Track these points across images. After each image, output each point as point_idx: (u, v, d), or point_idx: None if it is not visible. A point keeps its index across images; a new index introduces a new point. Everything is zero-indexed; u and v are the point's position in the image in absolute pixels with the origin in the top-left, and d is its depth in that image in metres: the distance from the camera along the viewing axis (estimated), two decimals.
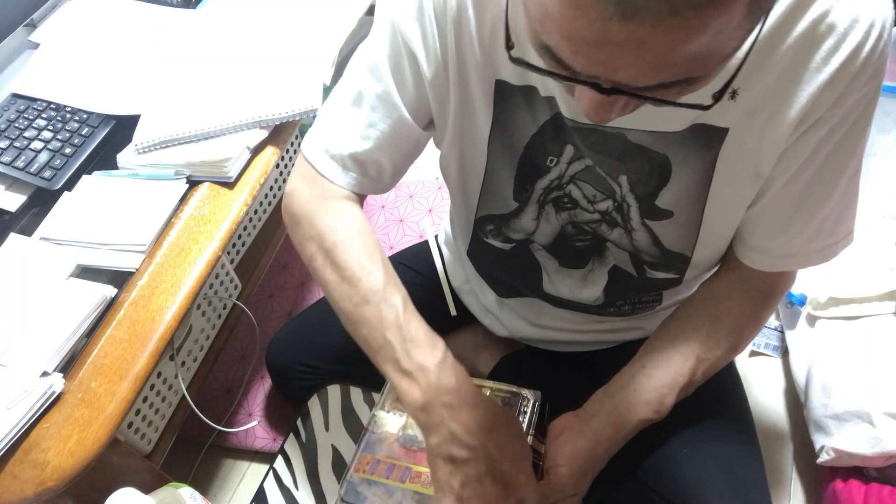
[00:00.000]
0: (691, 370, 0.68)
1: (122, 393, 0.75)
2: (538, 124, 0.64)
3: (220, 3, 1.17)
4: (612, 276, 0.74)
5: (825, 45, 0.52)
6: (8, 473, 0.70)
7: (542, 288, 0.78)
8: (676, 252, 0.69)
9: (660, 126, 0.60)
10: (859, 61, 0.52)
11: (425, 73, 0.63)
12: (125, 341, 0.78)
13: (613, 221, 0.68)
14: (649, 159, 0.62)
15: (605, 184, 0.66)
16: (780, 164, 0.60)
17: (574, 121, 0.62)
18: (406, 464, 0.71)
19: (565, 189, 0.68)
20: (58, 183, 0.93)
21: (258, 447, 1.22)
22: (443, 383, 0.61)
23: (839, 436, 0.95)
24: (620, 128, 0.61)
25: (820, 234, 0.64)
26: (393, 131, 0.68)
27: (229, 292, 1.08)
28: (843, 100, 0.54)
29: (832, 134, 0.57)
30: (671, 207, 0.65)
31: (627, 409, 0.66)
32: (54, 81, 1.05)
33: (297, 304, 1.43)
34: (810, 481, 1.08)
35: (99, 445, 0.72)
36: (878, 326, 1.02)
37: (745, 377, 0.84)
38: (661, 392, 0.67)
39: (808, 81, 0.54)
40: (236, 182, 0.92)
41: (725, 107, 0.56)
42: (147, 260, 0.85)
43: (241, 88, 0.98)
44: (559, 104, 0.62)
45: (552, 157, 0.66)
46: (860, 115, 0.56)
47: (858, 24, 0.51)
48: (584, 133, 0.63)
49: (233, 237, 1.05)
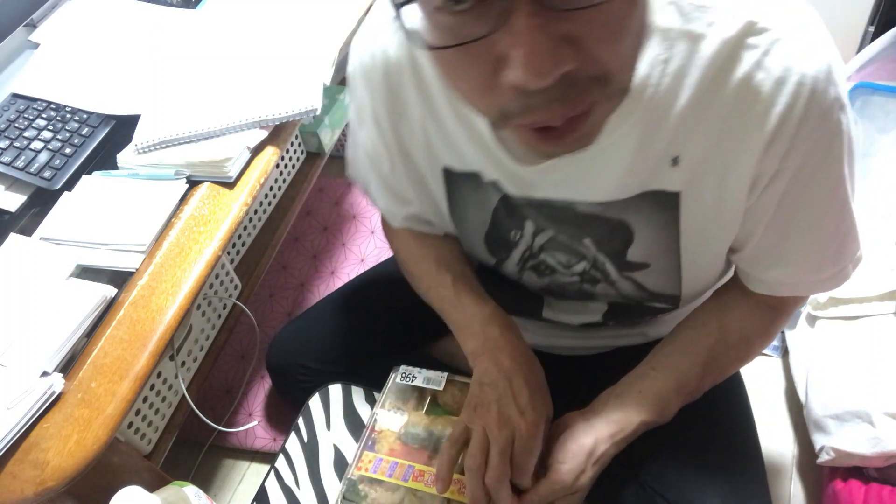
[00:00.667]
0: (698, 377, 0.68)
1: (122, 393, 0.75)
2: (492, 206, 0.66)
3: (220, 3, 1.17)
4: (611, 306, 0.75)
5: (756, 109, 0.51)
6: (8, 473, 0.70)
7: (541, 315, 0.80)
8: (665, 293, 0.69)
9: (607, 196, 0.59)
10: (794, 120, 0.50)
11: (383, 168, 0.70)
12: (125, 341, 0.78)
13: (593, 279, 0.69)
14: (607, 224, 0.62)
15: (573, 249, 0.67)
16: (751, 220, 0.59)
17: (522, 197, 0.63)
18: (409, 462, 0.71)
19: (539, 257, 0.69)
20: (58, 183, 0.93)
21: (258, 447, 1.22)
22: (490, 334, 0.69)
23: (839, 436, 0.95)
24: (568, 200, 0.61)
25: (822, 266, 0.63)
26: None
27: (229, 292, 1.08)
28: (791, 154, 0.53)
29: (795, 183, 0.55)
30: (644, 260, 0.65)
31: (631, 411, 0.67)
32: (54, 81, 1.05)
33: (297, 304, 1.43)
34: (810, 481, 1.08)
35: (99, 445, 0.72)
36: (878, 326, 1.02)
37: (746, 377, 0.83)
38: (667, 396, 0.67)
39: (748, 143, 0.52)
40: (236, 182, 0.92)
41: (670, 173, 0.56)
42: (147, 260, 0.85)
43: (241, 88, 0.98)
44: (503, 185, 0.63)
45: (515, 231, 0.68)
46: (822, 160, 0.54)
47: (786, 85, 0.49)
48: (534, 207, 0.63)
49: (233, 237, 1.05)
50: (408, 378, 0.78)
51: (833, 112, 0.51)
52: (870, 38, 1.39)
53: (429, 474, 0.69)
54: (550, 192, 0.61)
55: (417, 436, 0.73)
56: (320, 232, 1.55)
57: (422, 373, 0.78)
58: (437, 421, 0.74)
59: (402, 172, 0.69)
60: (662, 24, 0.49)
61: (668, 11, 0.49)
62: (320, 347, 0.98)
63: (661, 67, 0.51)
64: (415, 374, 0.78)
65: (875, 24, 1.42)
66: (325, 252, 1.52)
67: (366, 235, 1.53)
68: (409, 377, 0.78)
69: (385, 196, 0.75)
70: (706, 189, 0.57)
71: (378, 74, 0.61)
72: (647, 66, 0.50)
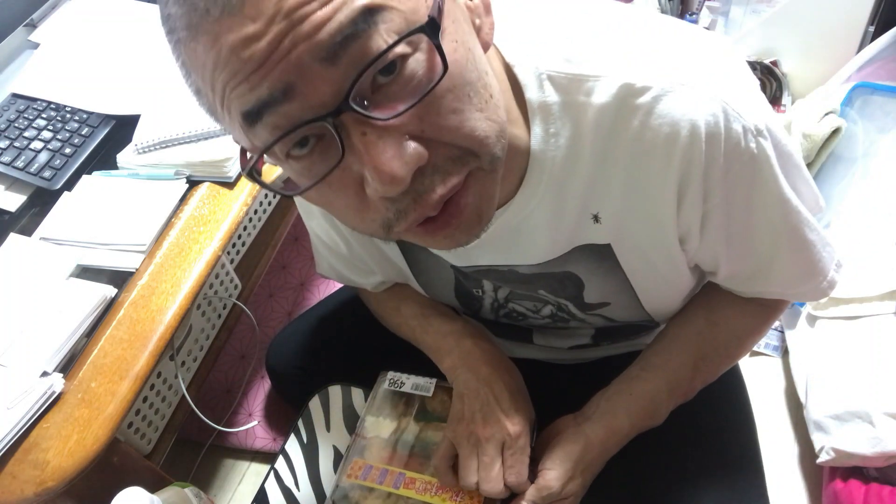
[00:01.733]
0: (689, 378, 0.68)
1: (122, 393, 0.75)
2: (448, 269, 0.67)
3: None
4: (597, 330, 0.75)
5: (654, 167, 0.50)
6: (8, 473, 0.70)
7: (532, 342, 0.80)
8: (636, 322, 0.70)
9: (538, 258, 0.60)
10: (697, 168, 0.49)
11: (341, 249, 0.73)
12: (125, 341, 0.78)
13: (563, 318, 0.70)
14: (554, 277, 0.63)
15: (534, 297, 0.67)
16: (707, 256, 0.59)
17: (468, 266, 0.64)
18: (399, 469, 0.70)
19: (508, 307, 0.71)
20: (58, 183, 0.93)
21: (258, 447, 1.22)
22: (462, 346, 0.71)
23: (839, 436, 0.95)
24: (509, 265, 0.62)
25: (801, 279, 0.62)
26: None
27: (229, 292, 1.08)
28: (711, 195, 0.51)
29: (732, 217, 0.54)
30: (603, 300, 0.65)
31: (622, 414, 0.66)
32: (54, 81, 1.05)
33: (297, 304, 1.43)
34: (810, 481, 1.08)
35: (99, 445, 0.72)
36: (878, 326, 1.02)
37: (745, 377, 0.83)
38: (658, 399, 0.67)
39: (659, 199, 0.52)
40: (236, 182, 0.92)
41: (594, 228, 0.56)
42: (147, 260, 0.85)
43: None
44: (448, 258, 0.64)
45: (477, 289, 0.69)
46: (750, 189, 0.52)
47: (678, 139, 0.48)
48: (482, 273, 0.65)
49: (233, 237, 1.05)
50: (396, 384, 0.77)
51: (743, 146, 0.49)
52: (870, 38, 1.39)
53: (420, 482, 0.69)
54: (490, 261, 0.63)
55: (407, 443, 0.73)
56: None
57: (410, 378, 0.77)
58: (427, 427, 0.73)
59: (358, 250, 0.72)
60: (541, 99, 0.50)
61: (545, 87, 0.49)
62: (320, 349, 0.98)
63: (553, 140, 0.51)
64: (403, 380, 0.77)
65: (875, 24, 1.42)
66: None
67: None
68: (396, 383, 0.77)
69: (352, 272, 0.78)
70: (635, 239, 0.56)
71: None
72: (539, 143, 0.51)
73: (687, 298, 0.70)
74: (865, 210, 1.19)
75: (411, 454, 0.72)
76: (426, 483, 0.69)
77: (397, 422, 0.74)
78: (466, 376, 0.69)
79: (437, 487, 0.68)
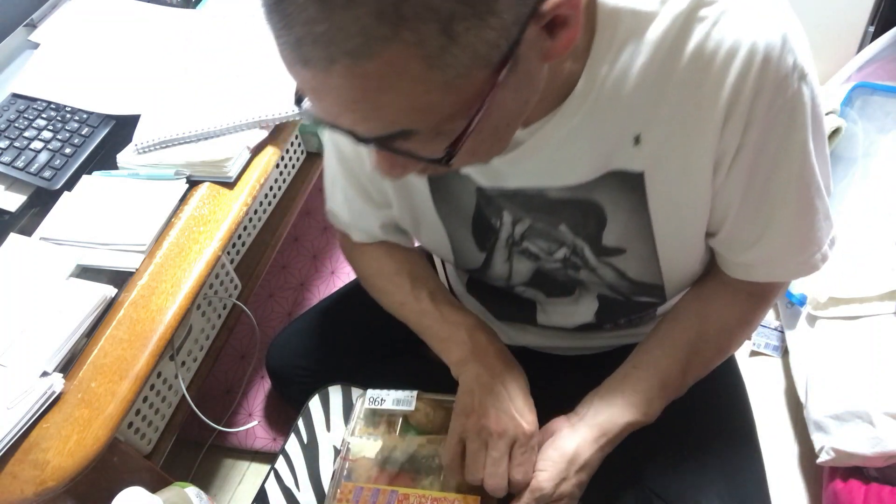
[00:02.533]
0: (681, 373, 0.68)
1: (122, 393, 0.75)
2: (472, 195, 0.67)
3: (220, 3, 1.17)
4: (601, 300, 0.75)
5: (710, 82, 0.51)
6: (8, 473, 0.70)
7: (536, 320, 0.80)
8: (647, 283, 0.69)
9: (572, 179, 0.60)
10: (748, 91, 0.50)
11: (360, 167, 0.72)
12: (125, 341, 0.78)
13: (575, 265, 0.69)
14: (579, 206, 0.62)
15: (551, 236, 0.67)
16: (722, 200, 0.59)
17: (495, 188, 0.64)
18: (391, 487, 0.69)
19: (522, 245, 0.70)
20: (58, 183, 0.93)
21: (258, 447, 1.22)
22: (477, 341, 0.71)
23: (839, 436, 0.95)
24: (537, 187, 0.62)
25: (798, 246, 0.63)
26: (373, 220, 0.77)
27: (229, 292, 1.08)
28: (751, 127, 0.53)
29: (760, 157, 0.55)
30: (620, 245, 0.65)
31: (615, 412, 0.66)
32: (54, 81, 1.05)
33: (297, 304, 1.43)
34: (810, 481, 1.08)
35: (99, 445, 0.72)
36: (878, 326, 1.02)
37: (746, 377, 0.83)
38: (650, 395, 0.67)
39: (706, 119, 0.53)
40: (236, 182, 0.92)
41: (632, 152, 0.56)
42: (147, 260, 0.85)
43: (241, 88, 0.98)
44: (475, 178, 0.64)
45: (496, 219, 0.68)
46: (785, 132, 0.54)
47: (737, 55, 0.50)
48: (508, 197, 0.64)
49: (233, 237, 1.05)
50: (376, 402, 0.76)
51: (790, 81, 0.51)
52: (870, 38, 1.39)
53: (413, 497, 0.68)
54: (521, 182, 0.62)
55: (396, 460, 0.72)
56: (320, 232, 1.55)
57: (390, 395, 0.76)
58: (413, 441, 0.73)
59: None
60: (612, 3, 0.51)
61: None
62: (320, 349, 0.98)
63: (612, 53, 0.52)
64: (383, 397, 0.76)
65: (875, 24, 1.42)
66: (325, 252, 1.52)
67: None
68: (377, 401, 0.76)
69: (362, 202, 0.75)
70: (670, 169, 0.57)
71: None
72: (598, 52, 0.52)
73: (696, 271, 0.70)
74: (865, 210, 1.19)
75: (401, 470, 0.71)
76: (420, 497, 0.68)
77: (382, 440, 0.74)
78: (479, 370, 0.68)
79: (432, 500, 0.68)
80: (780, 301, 1.25)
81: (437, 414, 0.75)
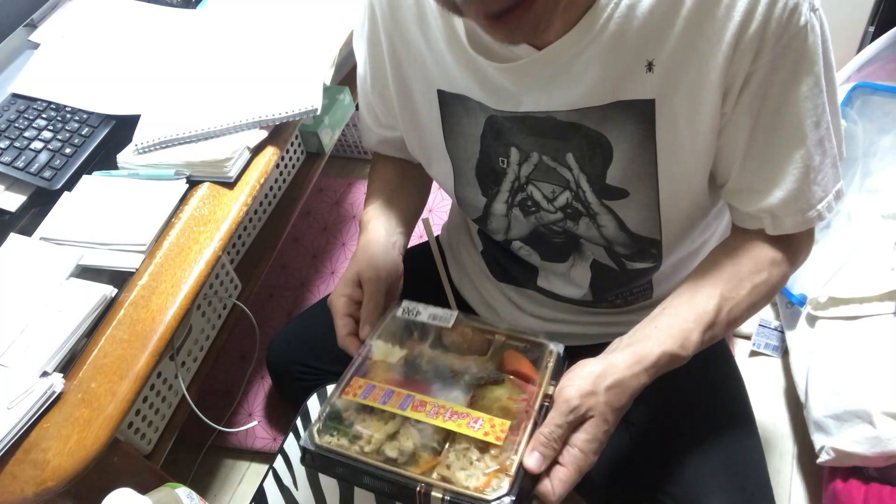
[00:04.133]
0: (716, 308, 0.63)
1: (122, 393, 0.75)
2: (480, 128, 0.68)
3: (220, 3, 1.17)
4: (594, 271, 0.75)
5: (721, 6, 0.53)
6: (8, 473, 0.70)
7: (536, 282, 0.81)
8: (646, 237, 0.69)
9: (581, 103, 0.61)
10: (758, 15, 0.52)
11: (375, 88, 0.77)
12: (125, 341, 0.78)
13: (576, 213, 0.69)
14: (587, 136, 0.63)
15: (556, 175, 0.68)
16: (730, 137, 0.60)
17: (506, 112, 0.65)
18: (407, 391, 0.60)
19: (527, 190, 0.71)
20: (58, 183, 0.93)
21: (258, 447, 1.22)
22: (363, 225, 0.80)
23: (839, 436, 0.95)
24: (547, 111, 0.63)
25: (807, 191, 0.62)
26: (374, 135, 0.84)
27: (229, 292, 1.08)
28: (762, 53, 0.54)
29: (770, 82, 0.56)
30: (623, 186, 0.65)
31: (650, 341, 0.61)
32: (54, 81, 1.05)
33: (297, 304, 1.43)
34: (810, 481, 1.08)
35: (99, 445, 0.72)
36: (878, 326, 1.02)
37: (746, 377, 0.83)
38: (686, 327, 0.62)
39: (716, 44, 0.54)
40: (236, 182, 0.92)
41: (644, 79, 0.58)
42: (147, 260, 0.85)
43: (241, 88, 0.98)
44: (487, 103, 0.65)
45: (502, 159, 0.69)
46: (798, 60, 0.55)
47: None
48: (517, 121, 0.65)
49: (233, 237, 1.05)
50: (411, 313, 0.68)
51: (801, 9, 0.53)
52: (870, 38, 1.39)
53: (431, 405, 0.58)
54: (531, 105, 0.64)
55: (419, 367, 0.63)
56: (320, 232, 1.55)
57: (427, 308, 0.68)
58: (443, 356, 0.64)
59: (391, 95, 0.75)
60: None
61: None
62: (320, 346, 0.98)
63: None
64: (419, 309, 0.68)
65: (875, 24, 1.42)
66: (325, 252, 1.52)
67: None
68: (412, 312, 0.68)
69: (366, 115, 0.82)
70: (680, 97, 0.58)
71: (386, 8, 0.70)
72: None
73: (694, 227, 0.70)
74: (865, 210, 1.19)
75: (423, 379, 0.62)
76: (438, 407, 0.58)
77: (408, 349, 0.66)
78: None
79: (452, 412, 0.58)
80: (780, 301, 1.25)
81: (477, 337, 0.66)
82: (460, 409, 0.58)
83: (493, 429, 0.56)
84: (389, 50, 0.72)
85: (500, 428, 0.56)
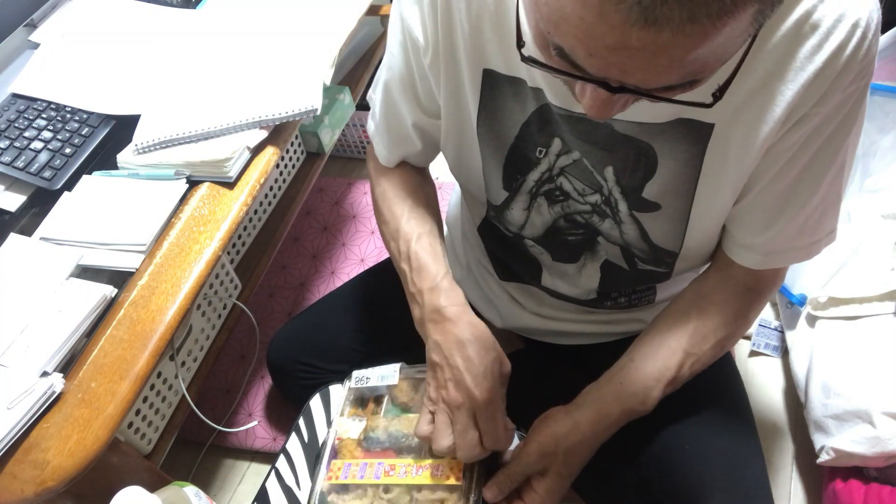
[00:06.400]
0: (678, 364, 0.68)
1: (122, 393, 0.75)
2: (526, 115, 0.66)
3: (220, 3, 1.17)
4: (604, 271, 0.75)
5: (809, 44, 0.53)
6: (8, 473, 0.70)
7: (540, 280, 0.81)
8: (664, 248, 0.70)
9: (646, 117, 0.61)
10: (843, 59, 0.52)
11: (423, 57, 0.68)
12: (125, 341, 0.78)
13: (603, 212, 0.70)
14: (635, 148, 0.63)
15: (591, 178, 0.67)
16: (766, 161, 0.60)
17: (563, 109, 0.64)
18: (378, 459, 0.71)
19: (556, 181, 0.70)
20: (58, 183, 0.93)
21: (258, 447, 1.22)
22: (434, 303, 0.70)
23: (839, 436, 0.95)
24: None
25: (804, 231, 0.65)
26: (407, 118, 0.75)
27: (229, 292, 1.08)
28: (827, 98, 0.55)
29: (818, 132, 0.57)
30: (658, 200, 0.66)
31: (612, 400, 0.67)
32: (54, 81, 1.05)
33: (297, 304, 1.43)
34: (810, 481, 1.08)
35: (99, 445, 0.72)
36: (878, 326, 1.02)
37: (745, 377, 0.84)
38: (647, 384, 0.68)
39: (793, 80, 0.54)
40: (236, 182, 0.92)
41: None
42: (147, 260, 0.85)
43: (241, 88, 0.98)
44: (547, 94, 0.63)
45: (541, 149, 0.68)
46: (847, 115, 0.57)
47: (842, 23, 0.52)
48: (572, 122, 0.64)
49: (233, 237, 1.05)
50: (361, 381, 0.77)
51: (872, 65, 0.54)
52: None
53: (399, 466, 0.70)
54: None
55: (377, 439, 0.73)
56: (320, 232, 1.56)
57: (375, 371, 0.77)
58: (394, 422, 0.74)
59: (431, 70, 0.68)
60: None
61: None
62: (320, 345, 0.98)
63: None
64: (368, 375, 0.78)
65: None
66: (325, 252, 1.52)
67: (366, 235, 1.53)
68: (362, 380, 0.78)
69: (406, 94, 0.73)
70: (739, 125, 0.58)
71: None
72: None
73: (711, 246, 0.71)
74: (865, 210, 1.19)
75: (383, 450, 0.72)
76: (406, 466, 0.69)
77: (365, 422, 0.75)
78: (436, 338, 0.69)
79: (418, 467, 0.69)
80: (780, 301, 1.25)
81: (419, 391, 0.75)
82: (423, 462, 0.69)
83: (452, 471, 0.68)
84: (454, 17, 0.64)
85: (456, 469, 0.68)
